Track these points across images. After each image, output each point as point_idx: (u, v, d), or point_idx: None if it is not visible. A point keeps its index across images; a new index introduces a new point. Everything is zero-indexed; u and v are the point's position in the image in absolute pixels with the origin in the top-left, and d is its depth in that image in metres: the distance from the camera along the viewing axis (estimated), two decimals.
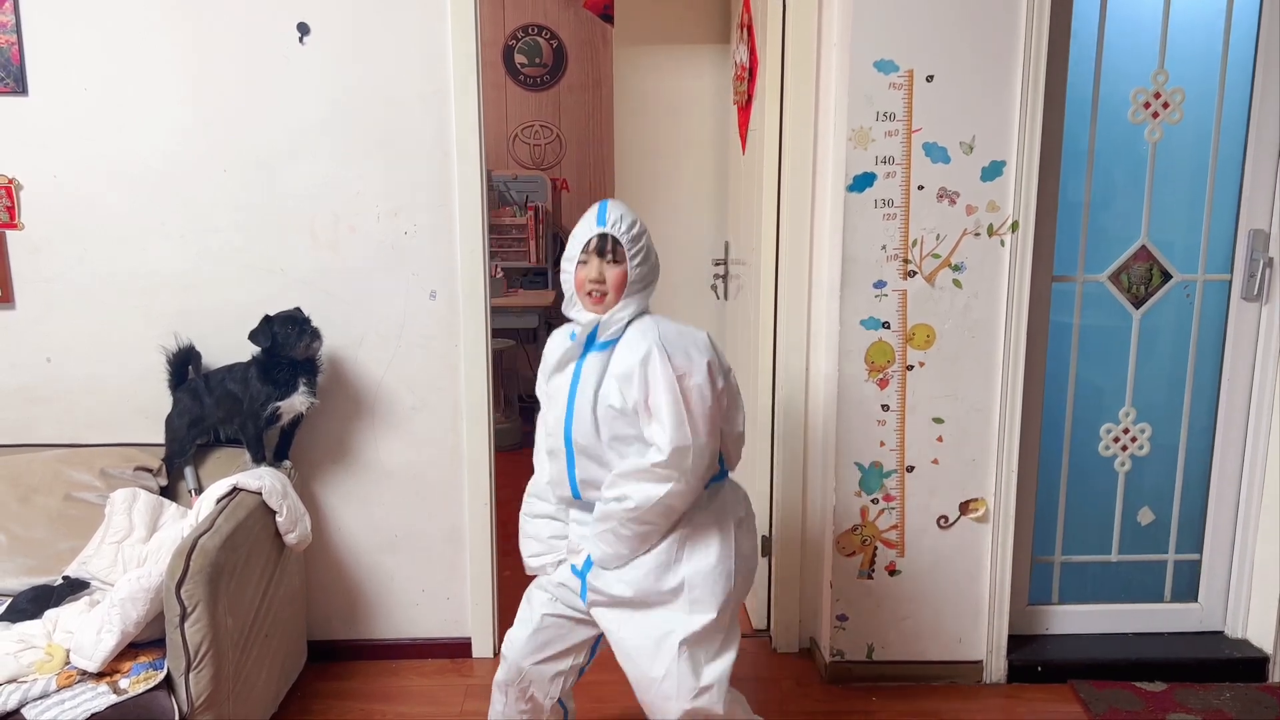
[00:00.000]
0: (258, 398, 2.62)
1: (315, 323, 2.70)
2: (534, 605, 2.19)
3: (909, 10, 2.52)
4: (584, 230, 1.99)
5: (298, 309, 2.68)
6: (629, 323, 1.99)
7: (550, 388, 2.08)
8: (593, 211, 2.00)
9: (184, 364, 2.75)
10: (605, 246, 1.96)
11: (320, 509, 2.93)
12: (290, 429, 2.78)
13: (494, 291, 3.02)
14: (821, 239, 2.81)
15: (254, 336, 2.61)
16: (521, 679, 2.18)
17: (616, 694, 2.67)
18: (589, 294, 1.98)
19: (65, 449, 2.75)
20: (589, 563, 2.06)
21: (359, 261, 2.81)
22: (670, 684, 1.99)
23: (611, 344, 2.00)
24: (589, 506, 2.06)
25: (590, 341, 2.01)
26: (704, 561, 2.00)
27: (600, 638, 2.20)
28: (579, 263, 1.99)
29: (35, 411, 2.82)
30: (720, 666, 2.03)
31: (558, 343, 2.07)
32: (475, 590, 3.02)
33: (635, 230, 1.98)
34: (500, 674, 2.22)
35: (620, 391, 1.94)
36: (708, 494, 2.05)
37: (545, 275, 5.49)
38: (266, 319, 2.62)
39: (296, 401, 2.65)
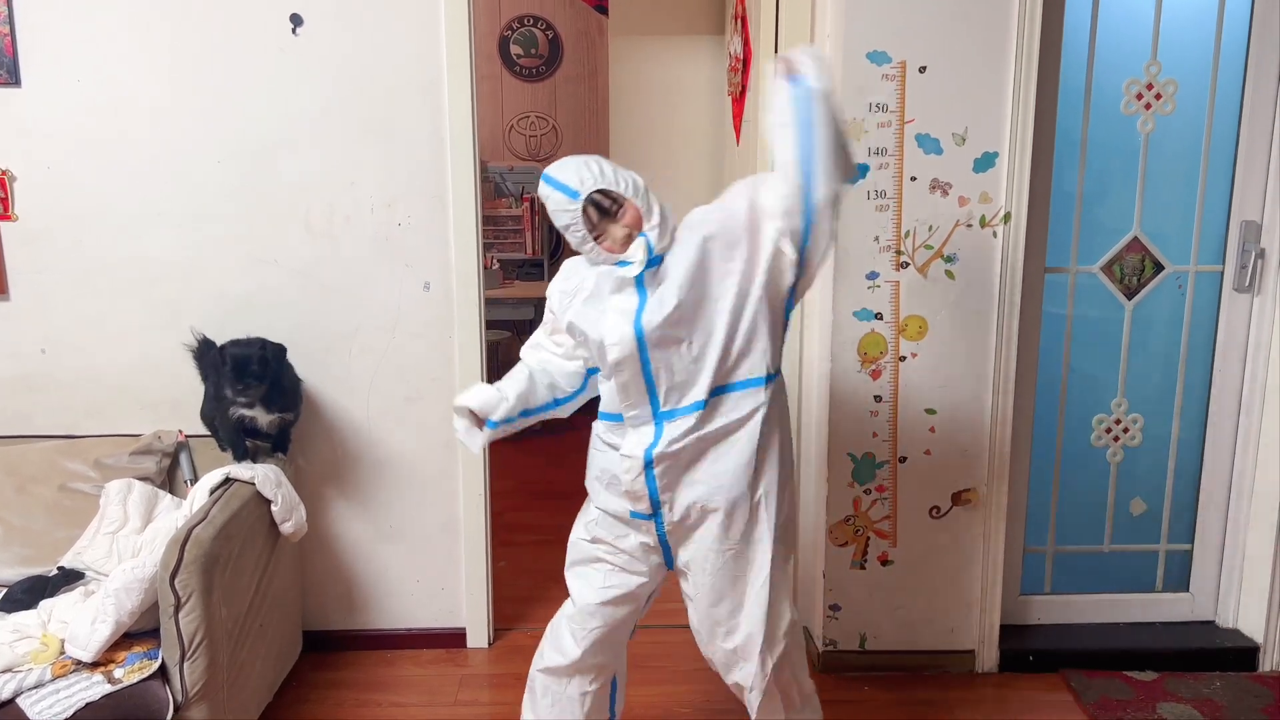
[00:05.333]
0: (224, 399, 2.60)
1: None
2: (592, 584, 2.14)
3: (902, 1, 2.52)
4: (566, 211, 1.90)
5: (261, 354, 2.58)
6: (672, 230, 1.95)
7: (609, 312, 1.97)
8: (551, 192, 1.90)
9: (211, 354, 2.74)
10: (601, 208, 1.90)
11: (315, 499, 2.94)
12: (281, 431, 2.73)
13: (490, 283, 3.03)
14: None
15: (213, 358, 2.62)
16: (594, 646, 2.16)
17: None
18: (625, 249, 1.93)
19: (61, 440, 2.75)
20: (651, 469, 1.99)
21: (353, 252, 2.82)
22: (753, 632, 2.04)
23: (661, 259, 1.94)
24: (653, 408, 1.98)
25: (650, 260, 1.93)
26: (777, 473, 2.02)
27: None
28: (596, 239, 1.92)
29: (31, 402, 2.83)
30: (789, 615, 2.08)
31: (599, 272, 1.99)
32: (470, 581, 3.03)
33: (599, 168, 1.90)
34: (558, 661, 2.19)
35: (704, 275, 1.91)
36: (775, 387, 2.01)
37: (541, 266, 5.49)
38: (221, 349, 2.59)
39: (260, 415, 2.61)
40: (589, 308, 2.02)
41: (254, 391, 2.58)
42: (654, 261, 1.94)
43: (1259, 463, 2.87)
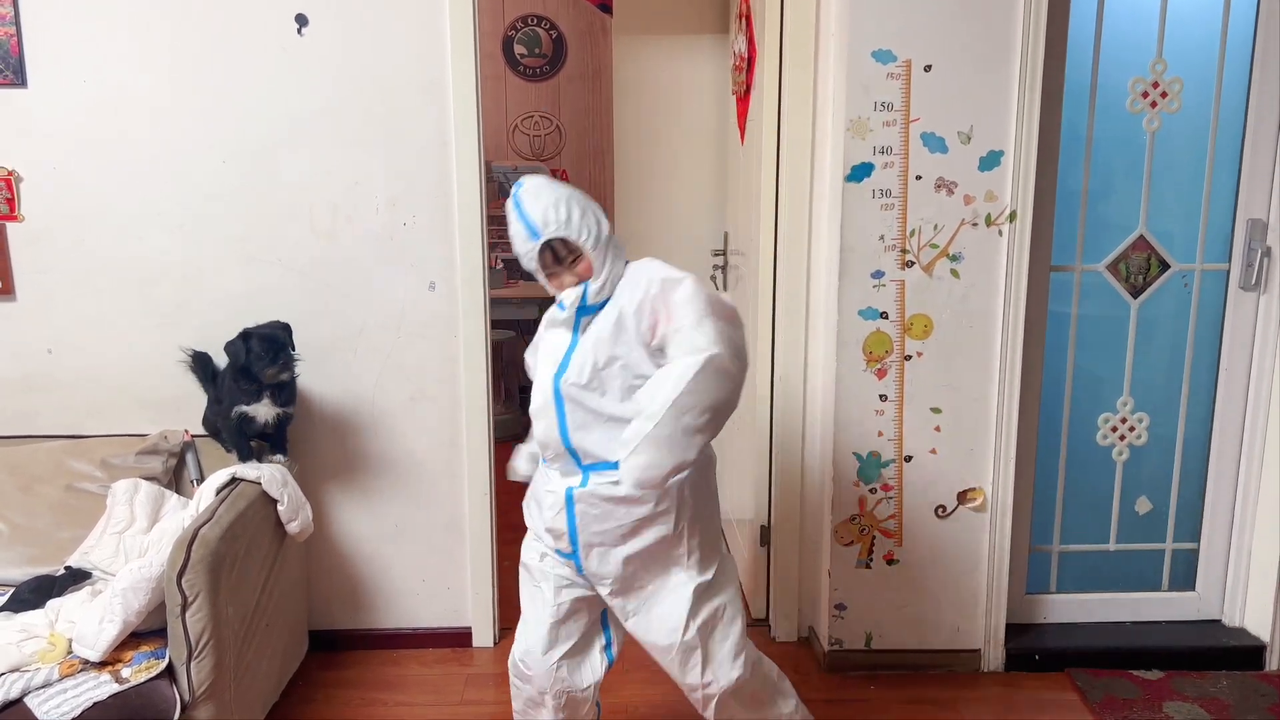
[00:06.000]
0: (227, 398, 2.61)
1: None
2: (538, 607, 2.14)
3: (907, 0, 2.52)
4: (524, 245, 1.95)
5: (283, 326, 2.64)
6: (616, 282, 1.99)
7: (541, 349, 2.08)
8: (515, 220, 1.94)
9: (205, 366, 2.75)
10: (557, 255, 1.95)
11: (321, 499, 2.94)
12: (278, 428, 2.72)
13: (494, 282, 3.03)
14: (819, 229, 2.81)
15: (228, 349, 2.59)
16: (555, 685, 2.13)
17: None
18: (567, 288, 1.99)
19: (67, 439, 2.76)
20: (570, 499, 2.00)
21: (357, 252, 2.82)
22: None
23: (603, 305, 1.99)
24: (574, 461, 2.02)
25: (582, 309, 1.99)
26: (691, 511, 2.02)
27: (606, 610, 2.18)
28: (546, 276, 1.99)
29: (37, 402, 2.83)
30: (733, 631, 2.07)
31: (551, 313, 2.07)
32: (475, 580, 3.03)
33: (566, 213, 1.92)
34: (529, 692, 2.17)
35: (620, 334, 1.93)
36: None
37: None
38: (244, 334, 2.58)
39: (261, 410, 2.61)
40: (542, 335, 2.09)
41: (293, 365, 2.61)
42: (589, 310, 1.98)
43: (1265, 461, 2.86)
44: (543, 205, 1.92)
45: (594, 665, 2.18)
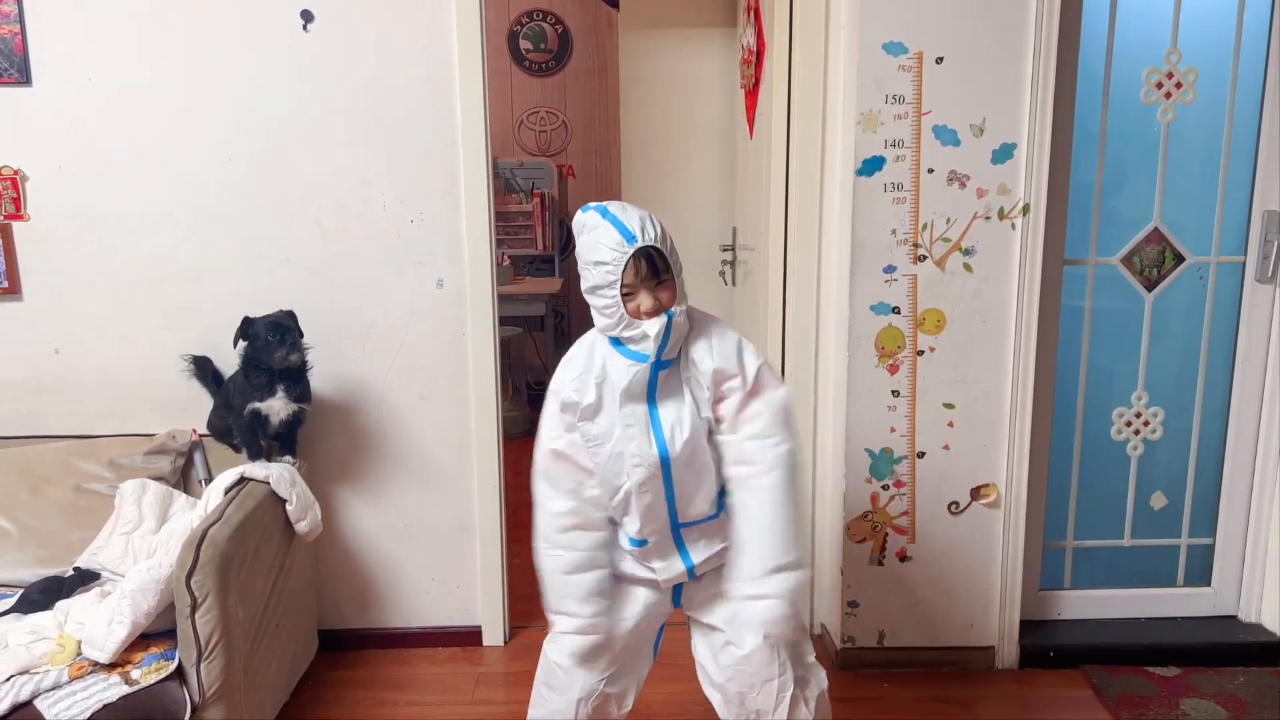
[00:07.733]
0: (239, 396, 2.60)
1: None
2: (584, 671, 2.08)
3: None
4: (611, 252, 1.76)
5: (288, 314, 2.62)
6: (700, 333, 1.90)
7: (609, 421, 1.89)
8: (606, 227, 1.77)
9: (206, 370, 2.75)
10: (654, 267, 1.79)
11: (330, 498, 2.93)
12: (290, 428, 2.68)
13: (501, 279, 3.01)
14: (830, 224, 2.78)
15: (235, 337, 2.57)
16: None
17: None
18: (645, 316, 1.81)
19: (75, 440, 2.75)
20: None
21: (365, 251, 2.80)
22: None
23: (669, 362, 1.87)
24: (674, 531, 1.95)
25: (657, 363, 1.84)
26: None
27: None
28: (623, 294, 1.78)
29: (45, 403, 2.82)
30: None
31: (615, 372, 1.86)
32: (485, 579, 3.02)
33: (659, 229, 1.79)
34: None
35: (709, 392, 1.87)
36: None
37: (552, 262, 5.48)
38: (246, 320, 2.57)
39: (276, 406, 2.58)
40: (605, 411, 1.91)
41: (302, 348, 2.59)
42: (663, 365, 1.86)
43: None
44: (636, 216, 1.79)
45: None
